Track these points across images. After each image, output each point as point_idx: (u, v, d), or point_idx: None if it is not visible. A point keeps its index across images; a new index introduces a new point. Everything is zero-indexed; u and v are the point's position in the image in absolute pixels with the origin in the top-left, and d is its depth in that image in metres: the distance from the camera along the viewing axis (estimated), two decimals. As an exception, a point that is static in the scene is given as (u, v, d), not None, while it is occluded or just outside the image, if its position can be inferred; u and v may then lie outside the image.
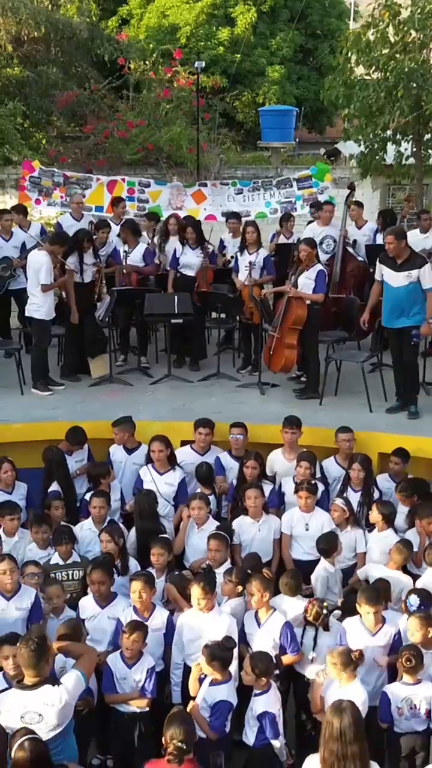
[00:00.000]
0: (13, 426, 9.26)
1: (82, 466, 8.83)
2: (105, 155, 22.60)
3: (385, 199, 24.18)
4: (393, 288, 9.31)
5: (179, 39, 26.06)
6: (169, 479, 8.42)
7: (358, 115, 18.77)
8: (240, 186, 13.92)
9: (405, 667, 5.98)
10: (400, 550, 7.26)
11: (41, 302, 10.03)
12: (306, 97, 27.39)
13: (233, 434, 8.69)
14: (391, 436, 8.96)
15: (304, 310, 9.84)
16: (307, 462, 8.23)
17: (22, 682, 5.33)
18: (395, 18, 18.19)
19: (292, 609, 6.81)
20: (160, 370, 10.98)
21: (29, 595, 6.76)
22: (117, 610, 6.76)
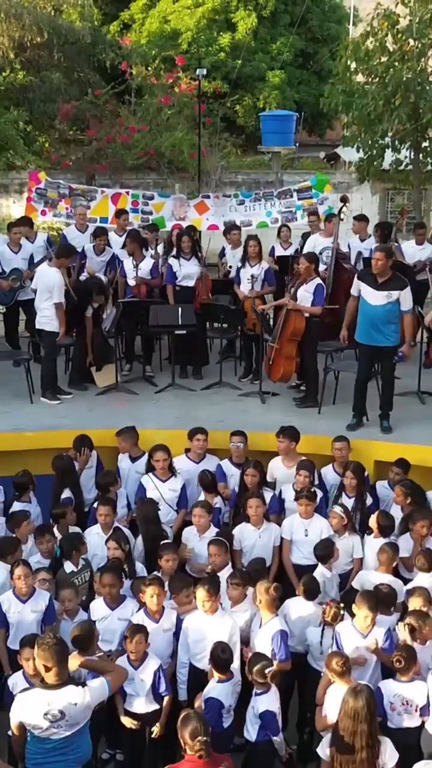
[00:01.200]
0: (26, 434, 9.64)
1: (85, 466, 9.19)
2: (107, 160, 22.96)
3: (384, 203, 24.54)
4: (371, 306, 9.45)
5: (180, 44, 26.37)
6: (172, 485, 8.80)
7: (357, 123, 19.14)
8: (242, 197, 14.28)
9: (396, 667, 6.37)
10: (385, 551, 7.59)
11: (52, 315, 10.41)
12: (306, 101, 27.71)
13: (234, 442, 9.05)
14: (387, 444, 9.35)
15: (302, 322, 10.20)
16: (306, 470, 8.60)
17: (44, 682, 5.66)
18: (393, 27, 18.54)
19: (305, 611, 7.23)
20: (165, 379, 11.35)
21: (44, 598, 7.20)
22: (126, 611, 7.13)
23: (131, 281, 11.42)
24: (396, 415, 9.96)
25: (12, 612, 7.13)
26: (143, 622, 6.84)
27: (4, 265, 11.70)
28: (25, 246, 12.01)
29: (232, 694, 6.49)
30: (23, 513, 8.31)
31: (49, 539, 7.93)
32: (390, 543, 7.74)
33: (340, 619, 6.92)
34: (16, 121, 23.85)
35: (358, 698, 5.47)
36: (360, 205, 24.32)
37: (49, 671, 5.60)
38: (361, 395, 9.88)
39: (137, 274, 11.36)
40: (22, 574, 7.04)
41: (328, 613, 6.94)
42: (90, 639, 6.53)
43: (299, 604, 7.29)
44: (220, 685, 6.45)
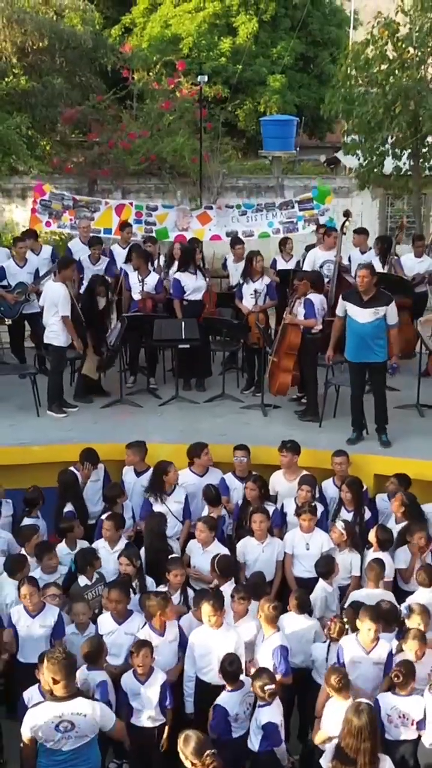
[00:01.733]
0: (33, 448, 9.85)
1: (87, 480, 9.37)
2: (109, 165, 23.12)
3: (384, 208, 24.70)
4: (359, 324, 9.60)
5: (182, 49, 26.52)
6: (177, 497, 9.03)
7: (357, 130, 19.32)
8: (244, 208, 14.48)
9: (395, 682, 6.58)
10: (372, 568, 7.79)
11: (59, 330, 10.61)
12: (307, 104, 27.88)
13: (237, 456, 9.26)
14: (387, 459, 9.55)
15: (298, 336, 10.42)
16: (308, 485, 8.81)
17: (53, 695, 5.88)
18: (394, 35, 18.70)
19: (300, 626, 7.44)
20: (168, 391, 11.55)
21: (53, 613, 7.39)
22: (133, 626, 7.32)
23: (136, 295, 11.60)
24: (395, 428, 10.15)
25: (21, 626, 7.33)
26: (149, 637, 7.03)
27: (9, 279, 11.89)
28: (30, 260, 12.21)
29: (241, 704, 6.68)
30: (33, 527, 8.52)
31: (51, 557, 8.09)
32: (377, 559, 7.93)
33: (346, 634, 7.14)
34: (19, 126, 24.00)
35: (361, 717, 5.68)
36: (360, 210, 24.51)
37: (57, 684, 5.83)
38: (357, 410, 10.07)
39: (143, 289, 11.52)
40: (28, 592, 7.23)
41: (333, 629, 7.14)
42: (99, 654, 6.80)
43: (292, 619, 7.49)
44: (228, 694, 6.67)
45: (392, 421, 10.19)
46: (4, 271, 12.04)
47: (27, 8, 24.47)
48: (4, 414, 10.84)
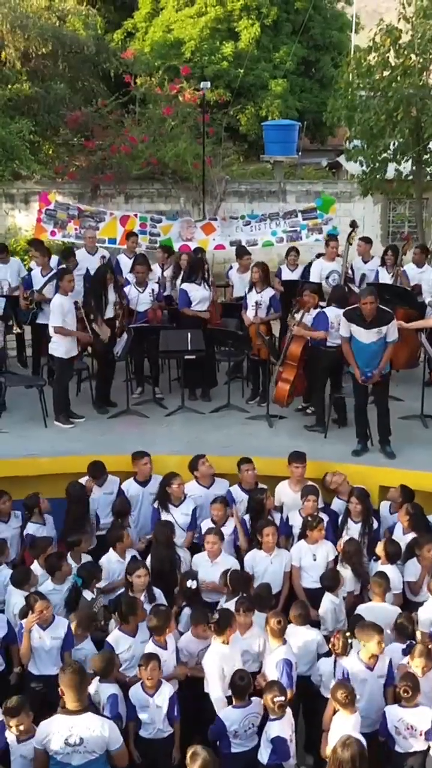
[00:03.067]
0: (41, 460, 9.95)
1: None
2: (111, 170, 23.22)
3: (386, 212, 24.81)
4: (364, 344, 9.70)
5: (184, 53, 26.62)
6: (185, 510, 9.15)
7: (360, 137, 19.41)
8: (248, 218, 14.58)
9: (403, 696, 6.69)
10: (378, 584, 7.87)
11: (60, 341, 10.74)
12: (308, 109, 27.97)
13: (244, 469, 9.35)
14: (391, 470, 9.65)
15: (299, 347, 10.52)
16: (313, 495, 8.93)
17: (65, 708, 5.99)
18: (396, 42, 18.78)
19: (302, 638, 7.55)
20: (174, 401, 11.65)
21: (63, 625, 7.51)
22: (145, 634, 7.42)
23: (140, 307, 11.73)
24: (399, 439, 10.25)
25: (33, 638, 7.43)
26: (155, 650, 7.14)
27: (35, 287, 12.02)
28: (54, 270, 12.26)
29: (242, 721, 6.77)
30: (47, 540, 8.65)
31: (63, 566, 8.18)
32: (382, 573, 8.02)
33: (349, 649, 7.24)
34: (22, 131, 24.12)
35: (345, 751, 5.82)
36: (362, 215, 24.62)
37: (66, 695, 5.95)
38: (361, 422, 10.17)
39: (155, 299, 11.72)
40: (43, 606, 7.36)
41: (338, 645, 7.23)
42: (110, 667, 6.92)
43: (294, 630, 7.58)
44: (232, 710, 6.79)
45: (396, 432, 10.28)
46: (31, 279, 12.17)
47: (30, 14, 24.62)
48: (14, 425, 10.95)
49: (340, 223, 24.17)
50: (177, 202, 24.47)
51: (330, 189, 24.79)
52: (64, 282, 10.83)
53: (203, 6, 27.23)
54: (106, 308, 11.27)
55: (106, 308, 11.26)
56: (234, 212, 24.34)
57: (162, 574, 8.26)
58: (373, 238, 24.87)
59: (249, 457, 9.48)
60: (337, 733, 6.51)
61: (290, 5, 27.65)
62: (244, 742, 6.82)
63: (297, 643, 7.51)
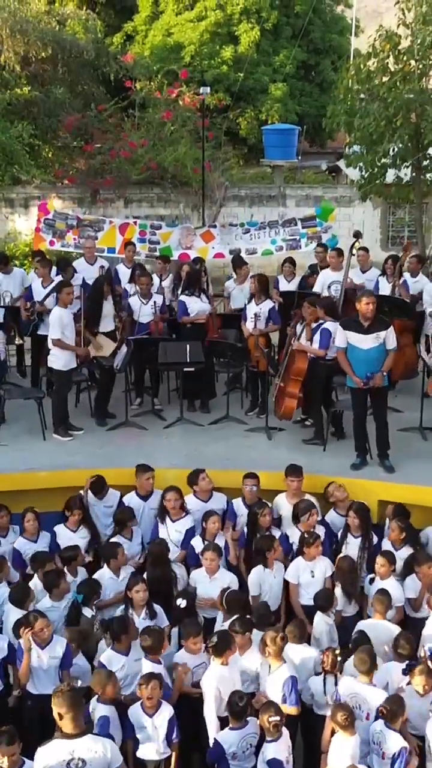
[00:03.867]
0: (39, 474, 9.95)
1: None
2: (111, 174, 23.22)
3: (385, 217, 24.80)
4: (363, 350, 9.65)
5: (183, 57, 26.63)
6: (179, 527, 9.13)
7: (359, 142, 19.41)
8: (248, 226, 14.57)
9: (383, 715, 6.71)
10: (380, 601, 7.89)
11: (59, 354, 10.74)
12: (308, 112, 27.98)
13: (247, 485, 9.33)
14: (390, 485, 9.65)
15: (305, 362, 10.48)
16: (314, 509, 8.96)
17: (63, 732, 5.92)
18: (395, 48, 18.77)
19: (299, 656, 7.54)
20: (173, 412, 11.63)
21: (61, 644, 7.53)
22: (138, 651, 7.40)
23: (143, 318, 11.72)
24: (399, 452, 10.23)
25: (31, 657, 7.41)
26: (152, 669, 7.11)
27: (36, 299, 12.01)
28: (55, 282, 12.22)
29: (240, 743, 6.76)
30: (48, 555, 8.65)
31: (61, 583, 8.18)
32: (384, 590, 8.03)
33: (339, 667, 7.24)
34: (21, 135, 24.13)
35: None
36: (362, 219, 24.64)
37: (63, 719, 5.87)
38: (361, 435, 10.15)
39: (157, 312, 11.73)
40: (44, 625, 7.38)
41: (327, 663, 7.26)
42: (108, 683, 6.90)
43: (291, 649, 7.56)
44: (229, 732, 6.78)
45: (395, 445, 10.26)
46: (32, 291, 12.14)
47: (30, 18, 24.61)
48: (13, 438, 10.93)
49: (340, 227, 24.22)
50: (177, 207, 24.46)
51: (330, 194, 24.81)
52: (63, 294, 10.82)
53: (203, 10, 27.26)
54: (104, 320, 11.27)
55: (103, 320, 11.24)
56: (234, 217, 24.44)
57: (158, 591, 8.22)
58: (372, 242, 25.05)
59: (252, 472, 9.46)
60: (335, 755, 6.54)
61: (290, 9, 27.68)
62: (242, 763, 6.81)
63: (294, 660, 7.49)
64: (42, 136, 25.75)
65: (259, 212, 24.64)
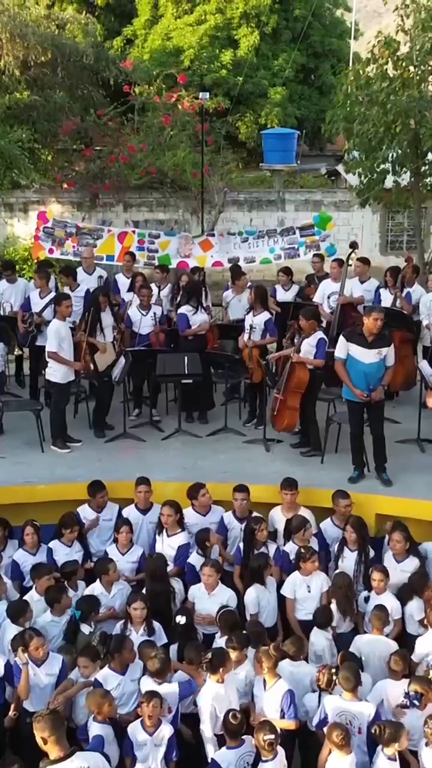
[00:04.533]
0: (38, 488, 9.98)
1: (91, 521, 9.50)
2: (110, 179, 23.25)
3: (384, 221, 24.80)
4: (364, 364, 9.70)
5: (183, 61, 26.64)
6: (174, 542, 9.11)
7: (358, 148, 19.42)
8: (246, 235, 14.58)
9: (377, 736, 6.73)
10: (377, 617, 7.94)
11: (56, 367, 10.76)
12: (307, 116, 27.99)
13: (237, 499, 9.34)
14: (388, 499, 9.67)
15: (306, 374, 10.49)
16: (308, 524, 8.97)
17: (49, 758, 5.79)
18: (394, 54, 18.77)
19: (296, 672, 7.58)
20: (171, 423, 11.66)
21: (57, 661, 7.56)
22: (136, 671, 7.46)
23: (144, 330, 11.77)
24: (396, 465, 10.26)
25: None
26: (153, 687, 7.13)
27: (33, 309, 12.02)
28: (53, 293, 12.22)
29: (238, 762, 6.75)
30: (47, 566, 8.66)
31: (63, 598, 8.20)
32: (380, 606, 8.06)
33: (333, 685, 7.26)
34: (21, 139, 24.14)
35: None
36: (361, 224, 24.66)
37: (47, 744, 5.76)
38: (358, 449, 10.17)
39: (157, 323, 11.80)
40: (39, 644, 7.39)
41: (322, 680, 7.28)
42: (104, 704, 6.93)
43: (289, 665, 7.62)
44: (226, 751, 6.79)
45: (393, 457, 10.29)
46: (29, 301, 12.14)
47: (29, 22, 24.61)
48: (11, 450, 10.95)
49: (339, 232, 24.25)
50: (176, 212, 24.48)
51: (329, 198, 24.81)
52: (62, 307, 10.84)
53: (203, 14, 27.29)
54: (103, 332, 11.29)
55: (102, 332, 11.27)
56: (233, 221, 24.44)
57: (158, 608, 8.24)
58: (372, 247, 25.09)
59: (245, 484, 9.47)
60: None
61: (289, 13, 27.69)
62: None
63: (293, 677, 7.51)
64: (41, 140, 25.78)
65: (258, 217, 24.66)
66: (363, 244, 24.95)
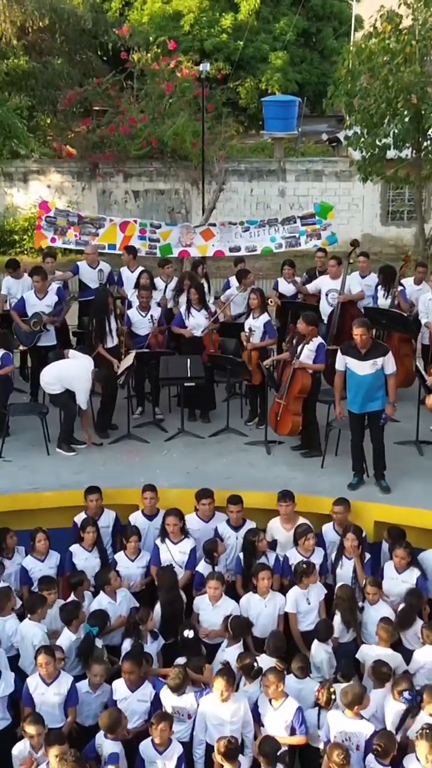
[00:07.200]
0: (44, 494, 10.19)
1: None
2: (110, 149, 23.14)
3: (385, 192, 24.72)
4: (360, 376, 9.85)
5: (182, 26, 26.28)
6: (183, 548, 9.37)
7: (359, 124, 19.33)
8: (247, 224, 14.61)
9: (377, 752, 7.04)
10: (384, 629, 8.18)
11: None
12: (309, 80, 27.70)
13: (232, 510, 9.56)
14: (387, 507, 9.86)
15: (309, 380, 10.64)
16: (312, 533, 9.23)
17: None
18: (396, 28, 18.60)
19: (303, 689, 7.87)
20: (173, 422, 11.82)
21: (66, 681, 7.81)
22: (146, 693, 7.75)
23: (142, 331, 11.87)
24: (395, 469, 10.43)
25: (36, 694, 7.71)
26: (168, 698, 7.60)
27: (28, 310, 12.04)
28: (50, 294, 12.30)
29: None
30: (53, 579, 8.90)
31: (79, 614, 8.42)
32: (386, 619, 8.30)
33: (333, 702, 7.54)
34: (19, 108, 23.96)
35: None
36: (362, 194, 24.61)
37: None
38: (358, 456, 10.34)
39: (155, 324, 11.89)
40: (44, 662, 7.61)
41: (322, 699, 7.56)
42: (116, 725, 7.25)
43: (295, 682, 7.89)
44: None
45: (392, 460, 10.44)
46: (24, 301, 12.21)
47: (27, -14, 24.31)
48: (17, 452, 11.10)
49: (339, 202, 24.28)
50: (176, 181, 24.43)
51: (330, 168, 24.75)
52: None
53: (202, -22, 26.88)
54: (111, 335, 11.42)
55: (110, 335, 11.40)
56: (234, 191, 24.41)
57: (172, 618, 8.58)
58: (372, 217, 25.08)
59: (245, 491, 9.75)
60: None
61: (291, -25, 27.28)
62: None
63: (299, 694, 7.79)
64: (40, 108, 25.58)
65: (258, 187, 24.63)
66: (363, 214, 25.01)
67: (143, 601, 8.98)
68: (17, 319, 12.06)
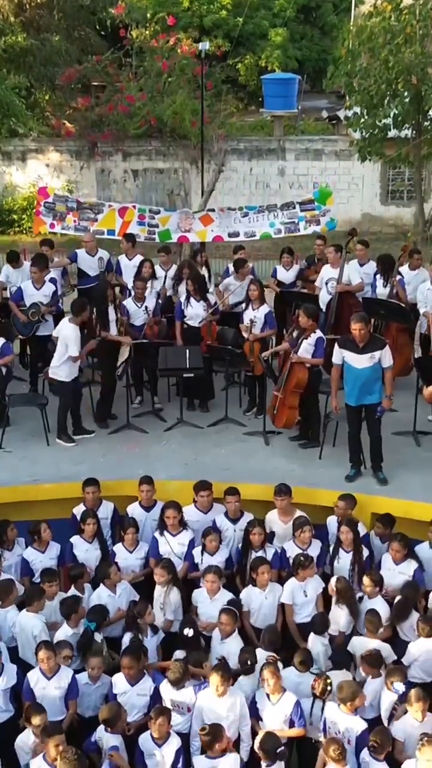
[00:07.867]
0: (44, 486, 10.28)
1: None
2: (109, 128, 23.03)
3: (385, 171, 24.61)
4: (357, 369, 9.91)
5: (182, 2, 26.05)
6: (182, 540, 9.50)
7: (359, 105, 19.30)
8: (246, 210, 14.57)
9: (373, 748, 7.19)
10: (370, 621, 8.34)
11: (64, 366, 10.93)
12: (309, 57, 27.51)
13: (229, 501, 9.65)
14: (385, 499, 9.95)
15: (306, 374, 10.68)
16: (308, 526, 9.32)
17: None
18: (397, 8, 18.55)
19: (304, 683, 7.97)
20: (172, 411, 11.88)
21: (67, 674, 7.94)
22: (145, 687, 7.88)
23: (137, 321, 11.89)
24: (392, 460, 10.51)
25: (37, 688, 7.83)
26: (167, 691, 7.73)
27: (26, 300, 12.06)
28: (47, 284, 12.33)
29: None
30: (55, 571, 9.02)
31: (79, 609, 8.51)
32: (373, 611, 8.43)
33: (328, 694, 7.67)
34: (17, 86, 23.82)
35: None
36: (362, 173, 24.51)
37: None
38: (355, 448, 10.42)
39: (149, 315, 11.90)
40: (45, 656, 7.75)
41: (318, 689, 7.70)
42: (117, 719, 7.39)
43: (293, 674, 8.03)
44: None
45: (389, 451, 10.51)
46: (22, 292, 12.22)
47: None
48: (16, 443, 11.17)
49: (339, 181, 24.22)
50: (176, 160, 24.32)
51: (329, 147, 24.62)
52: (83, 315, 11.03)
53: None
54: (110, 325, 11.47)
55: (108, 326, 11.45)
56: (233, 170, 24.31)
57: None
58: (372, 197, 25.00)
59: (244, 481, 9.90)
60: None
61: None
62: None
63: (298, 688, 7.91)
64: (38, 86, 25.43)
65: (258, 165, 24.53)
66: (363, 193, 24.93)
67: (142, 594, 9.07)
68: (15, 309, 12.09)
